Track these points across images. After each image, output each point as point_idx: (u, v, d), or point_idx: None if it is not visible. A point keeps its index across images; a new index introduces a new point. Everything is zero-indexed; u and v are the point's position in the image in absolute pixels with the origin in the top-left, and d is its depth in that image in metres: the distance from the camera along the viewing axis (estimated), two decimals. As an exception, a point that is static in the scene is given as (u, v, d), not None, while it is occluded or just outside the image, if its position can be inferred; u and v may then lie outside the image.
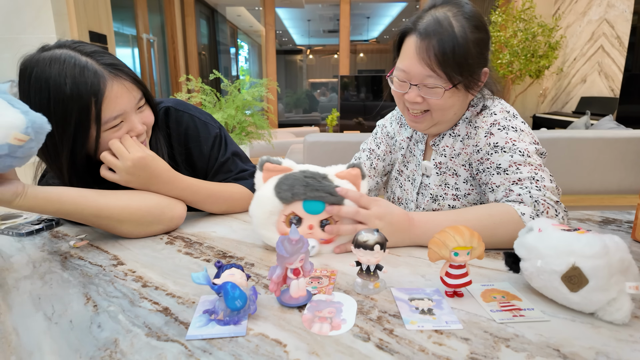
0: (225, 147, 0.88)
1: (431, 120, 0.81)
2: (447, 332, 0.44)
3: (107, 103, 0.67)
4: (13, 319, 0.47)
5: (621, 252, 0.46)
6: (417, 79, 0.76)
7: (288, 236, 0.48)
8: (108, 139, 0.70)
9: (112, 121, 0.69)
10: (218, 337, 0.43)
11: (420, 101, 0.78)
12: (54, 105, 0.65)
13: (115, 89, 0.68)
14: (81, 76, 0.65)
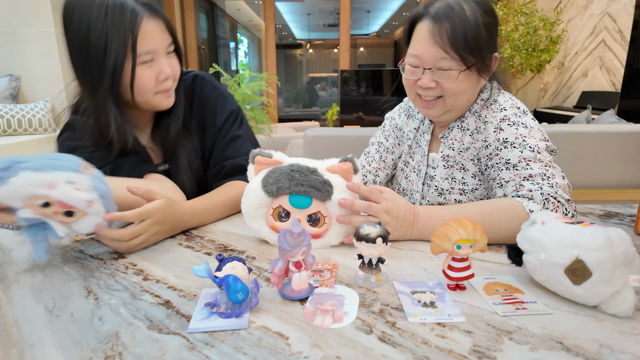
0: (240, 125, 0.90)
1: (444, 106, 0.81)
2: (449, 325, 0.44)
3: (141, 37, 0.71)
4: (14, 312, 0.47)
5: (625, 245, 0.45)
6: (430, 63, 0.77)
7: (290, 229, 0.48)
8: (141, 75, 0.74)
9: (145, 56, 0.73)
10: (220, 329, 0.43)
11: (433, 86, 0.78)
12: (93, 37, 0.69)
13: (151, 26, 0.73)
14: (120, 11, 0.70)
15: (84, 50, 0.71)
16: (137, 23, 0.71)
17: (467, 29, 0.73)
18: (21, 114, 2.51)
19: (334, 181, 0.63)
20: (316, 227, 0.64)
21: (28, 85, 2.69)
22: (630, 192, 2.07)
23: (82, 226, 0.57)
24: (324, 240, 0.65)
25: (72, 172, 0.55)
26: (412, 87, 0.82)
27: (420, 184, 0.91)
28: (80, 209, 0.56)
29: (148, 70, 0.74)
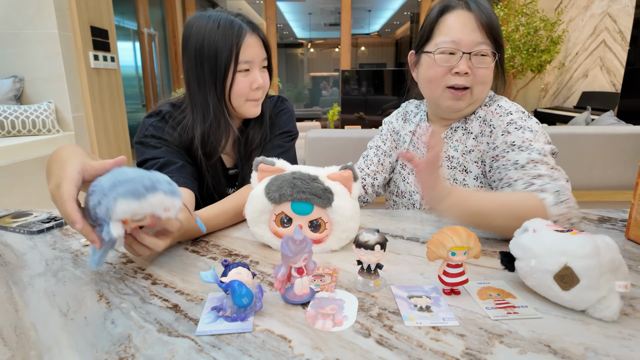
0: (289, 140, 1.00)
1: (471, 97, 0.85)
2: (444, 329, 0.46)
3: (244, 48, 0.85)
4: (31, 315, 0.49)
5: (612, 253, 0.47)
6: (469, 47, 0.81)
7: (292, 236, 0.50)
8: (239, 81, 0.87)
9: (244, 64, 0.86)
10: (226, 332, 0.45)
11: (468, 72, 0.82)
12: (207, 46, 0.84)
13: (252, 40, 0.86)
14: (230, 25, 0.84)
15: (199, 55, 0.85)
16: (242, 36, 0.84)
17: (496, 21, 0.83)
18: (25, 115, 2.53)
19: (334, 188, 0.66)
20: (317, 233, 0.67)
21: (32, 87, 2.71)
22: (629, 193, 2.09)
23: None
24: (325, 245, 0.67)
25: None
26: (442, 78, 0.84)
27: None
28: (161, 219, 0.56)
29: (244, 78, 0.87)
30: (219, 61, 0.84)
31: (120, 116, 3.39)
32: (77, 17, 2.78)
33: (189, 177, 0.87)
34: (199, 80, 0.87)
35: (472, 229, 0.54)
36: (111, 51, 3.19)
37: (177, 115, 0.91)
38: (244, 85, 0.87)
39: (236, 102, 0.89)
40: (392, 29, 9.68)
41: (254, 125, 0.98)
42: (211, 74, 0.86)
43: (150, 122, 0.91)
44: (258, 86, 0.88)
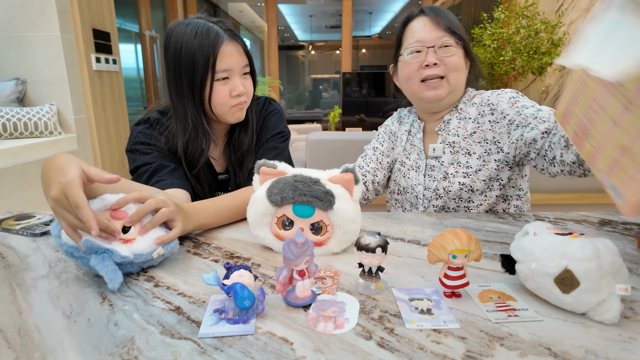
0: (282, 141, 1.01)
1: (448, 85, 0.93)
2: (444, 331, 0.46)
3: (221, 56, 0.84)
4: (34, 317, 0.49)
5: (612, 256, 0.48)
6: (433, 41, 0.92)
7: (294, 239, 0.51)
8: (218, 90, 0.86)
9: (222, 73, 0.85)
10: (228, 335, 0.46)
11: (438, 63, 0.91)
12: (184, 55, 0.84)
13: (229, 48, 0.85)
14: (207, 34, 0.83)
15: (177, 65, 0.85)
16: (219, 44, 0.84)
17: (454, 19, 0.95)
18: (27, 117, 2.54)
19: (335, 191, 0.66)
20: (318, 235, 0.67)
21: (34, 89, 2.73)
22: (630, 195, 2.09)
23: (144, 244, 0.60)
24: (326, 247, 0.68)
25: None
26: (416, 73, 0.94)
27: (422, 177, 1.00)
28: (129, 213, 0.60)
29: (224, 87, 0.86)
30: (195, 72, 0.84)
31: (122, 118, 3.40)
32: (79, 20, 2.79)
33: (182, 179, 0.89)
34: (178, 91, 0.88)
35: (473, 232, 0.55)
36: (113, 53, 3.21)
37: (164, 121, 0.93)
38: (224, 94, 0.87)
39: (218, 110, 0.89)
40: (393, 31, 9.70)
41: (241, 131, 0.98)
42: (189, 84, 0.86)
43: (139, 129, 0.92)
44: (239, 93, 0.88)
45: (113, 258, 0.55)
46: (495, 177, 0.92)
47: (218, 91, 0.86)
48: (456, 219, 0.86)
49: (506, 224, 0.82)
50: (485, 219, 0.86)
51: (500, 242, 0.73)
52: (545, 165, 0.82)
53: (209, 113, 0.91)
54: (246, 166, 0.99)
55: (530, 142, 0.84)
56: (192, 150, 0.90)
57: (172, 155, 0.92)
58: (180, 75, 0.85)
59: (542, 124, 0.81)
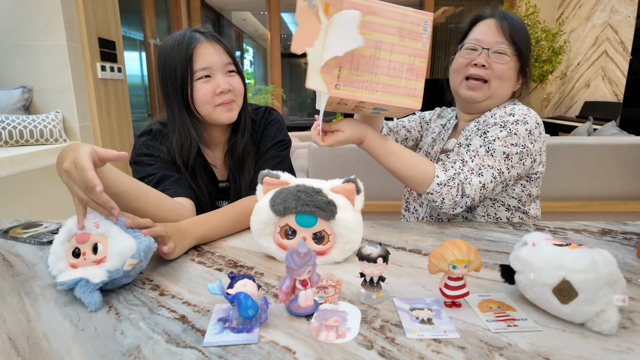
0: (283, 150, 1.03)
1: (488, 91, 0.95)
2: (445, 341, 0.47)
3: (197, 55, 0.87)
4: (43, 326, 0.50)
5: (609, 267, 0.48)
6: (490, 44, 0.93)
7: (297, 249, 0.52)
8: (200, 89, 0.88)
9: (201, 72, 0.88)
10: (232, 344, 0.47)
11: (487, 65, 0.93)
12: (166, 63, 0.89)
13: (204, 47, 0.88)
14: (183, 39, 0.88)
15: (163, 73, 0.90)
16: (193, 44, 0.87)
17: (523, 31, 0.94)
18: (33, 125, 2.57)
19: (337, 201, 0.67)
20: (321, 245, 0.68)
21: (40, 97, 2.76)
22: (632, 203, 2.09)
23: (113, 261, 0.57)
24: (328, 257, 0.69)
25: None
26: (463, 69, 0.97)
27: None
28: (93, 234, 0.60)
29: (206, 85, 0.88)
30: (176, 75, 0.88)
31: (126, 125, 3.44)
32: (85, 29, 2.84)
33: (187, 188, 0.91)
34: (166, 98, 0.92)
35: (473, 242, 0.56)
36: (118, 62, 3.25)
37: (165, 132, 0.95)
38: (206, 92, 0.88)
39: (204, 110, 0.90)
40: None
41: (236, 135, 0.99)
42: (173, 88, 0.90)
43: (141, 141, 0.94)
44: (222, 90, 0.89)
45: (89, 285, 0.55)
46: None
47: (200, 89, 0.88)
48: (457, 228, 0.87)
49: (506, 234, 0.83)
50: (486, 229, 0.87)
51: (500, 251, 0.74)
52: None
53: (197, 115, 0.93)
54: (247, 173, 1.00)
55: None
56: (183, 152, 0.92)
57: (175, 166, 0.94)
58: (166, 82, 0.90)
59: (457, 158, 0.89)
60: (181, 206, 0.84)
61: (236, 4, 6.92)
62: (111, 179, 0.70)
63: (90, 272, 0.56)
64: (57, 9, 2.61)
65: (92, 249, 0.59)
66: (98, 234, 0.60)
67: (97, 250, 0.59)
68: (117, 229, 0.60)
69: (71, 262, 0.59)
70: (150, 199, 0.77)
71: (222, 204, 1.03)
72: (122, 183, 0.72)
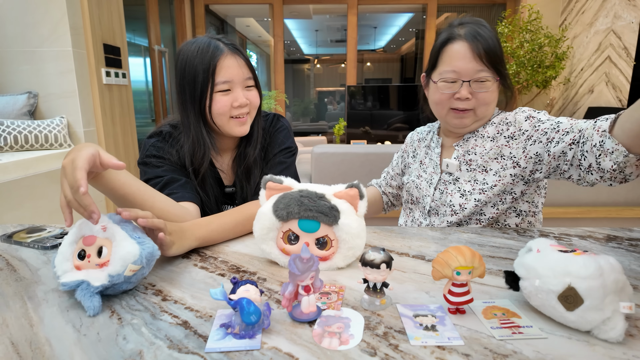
0: (290, 156, 1.03)
1: (474, 116, 0.95)
2: (449, 348, 0.46)
3: (219, 68, 0.88)
4: (45, 331, 0.50)
5: (616, 274, 0.48)
6: (469, 75, 0.91)
7: (299, 255, 0.52)
8: (218, 101, 0.89)
9: (222, 85, 0.89)
10: (235, 350, 0.46)
11: (470, 97, 0.92)
12: (188, 69, 0.89)
13: (228, 60, 0.89)
14: (207, 48, 0.88)
15: (182, 79, 0.90)
16: (217, 56, 0.88)
17: (496, 47, 0.90)
18: (38, 130, 2.59)
19: (340, 206, 0.67)
20: (324, 250, 0.68)
21: (45, 102, 2.79)
22: (637, 209, 2.07)
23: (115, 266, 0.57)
24: (331, 262, 0.68)
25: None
26: (446, 101, 0.95)
27: (432, 190, 1.02)
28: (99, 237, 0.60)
29: (225, 97, 0.90)
30: (196, 84, 0.89)
31: (130, 130, 3.46)
32: (90, 35, 2.87)
33: (193, 192, 0.91)
34: (182, 103, 0.92)
35: (477, 248, 0.55)
36: (123, 68, 3.27)
37: (176, 135, 0.96)
38: (224, 104, 0.89)
39: (219, 120, 0.91)
40: (398, 45, 9.80)
41: (246, 143, 1.00)
42: (191, 95, 0.90)
43: (150, 142, 0.95)
44: (240, 104, 0.90)
45: (90, 288, 0.55)
46: (510, 191, 0.93)
47: (218, 101, 0.89)
48: (461, 234, 0.87)
49: (510, 240, 0.83)
50: (490, 234, 0.86)
51: (505, 257, 0.73)
52: (581, 174, 0.80)
53: (211, 124, 0.94)
54: (253, 180, 1.01)
55: (560, 156, 0.82)
56: (195, 159, 0.93)
57: (183, 169, 0.94)
58: (184, 88, 0.90)
59: (566, 136, 0.81)
60: (186, 211, 0.84)
61: (240, 11, 6.99)
62: (119, 182, 0.71)
63: (92, 275, 0.56)
64: (63, 15, 2.65)
65: (97, 252, 0.59)
66: (104, 238, 0.60)
67: (102, 253, 0.59)
68: (123, 234, 0.60)
69: (76, 264, 0.59)
70: (156, 203, 0.77)
71: (228, 208, 1.03)
72: (129, 186, 0.73)
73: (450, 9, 5.93)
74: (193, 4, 5.61)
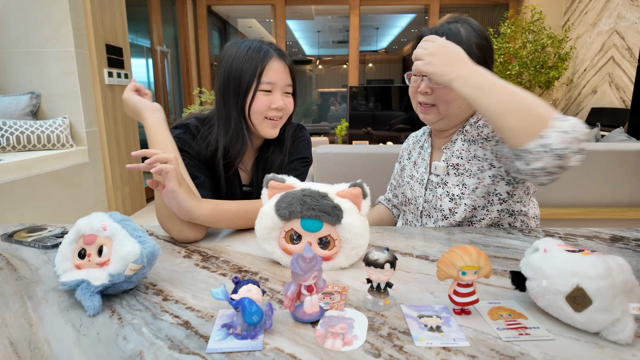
0: (304, 165, 1.05)
1: (438, 113, 0.93)
2: (454, 350, 0.46)
3: (267, 69, 0.91)
4: (45, 330, 0.50)
5: (625, 274, 0.47)
6: None
7: (302, 254, 0.51)
8: (259, 99, 0.91)
9: (266, 85, 0.91)
10: (236, 350, 0.46)
11: (429, 92, 0.92)
12: (235, 66, 0.91)
13: (276, 64, 0.92)
14: (259, 49, 0.92)
15: (227, 74, 0.92)
16: (267, 58, 0.91)
17: (460, 43, 0.86)
18: (40, 130, 2.60)
19: (343, 206, 0.66)
20: (326, 250, 0.67)
21: (48, 102, 2.79)
22: (642, 210, 2.05)
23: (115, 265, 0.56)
24: (334, 262, 0.67)
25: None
26: (414, 95, 0.97)
27: (424, 190, 1.01)
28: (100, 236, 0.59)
29: (265, 97, 0.92)
30: (242, 80, 0.91)
31: (132, 131, 3.46)
32: (93, 36, 2.87)
33: (209, 192, 0.93)
34: (224, 98, 0.94)
35: (482, 248, 0.55)
36: (125, 68, 3.28)
37: (204, 130, 0.98)
38: (263, 103, 0.92)
39: (255, 119, 0.94)
40: (400, 45, 9.79)
41: (274, 149, 1.02)
42: (235, 91, 0.92)
43: (176, 133, 0.96)
44: (277, 107, 0.93)
45: (90, 288, 0.54)
46: (493, 192, 0.91)
47: (259, 99, 0.92)
48: (465, 234, 0.86)
49: (516, 240, 0.82)
50: (494, 235, 0.85)
51: (510, 258, 0.72)
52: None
53: (248, 121, 0.96)
54: None
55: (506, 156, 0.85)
56: (232, 151, 0.95)
57: (202, 166, 0.96)
58: (229, 82, 0.92)
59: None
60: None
61: (242, 12, 7.00)
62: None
63: (92, 274, 0.56)
64: (66, 16, 2.65)
65: (97, 251, 0.59)
66: (105, 236, 0.59)
67: (102, 252, 0.58)
68: (124, 233, 0.59)
69: (76, 263, 0.59)
70: None
71: None
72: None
73: (452, 9, 5.92)
74: (195, 4, 5.62)
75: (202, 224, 0.81)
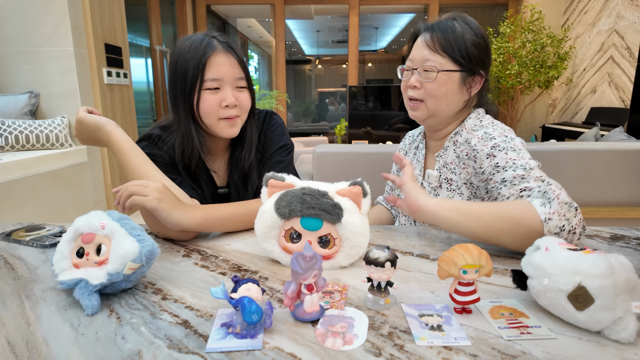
0: (287, 154, 1.01)
1: (426, 110, 0.92)
2: (455, 349, 0.45)
3: (210, 66, 0.85)
4: (42, 330, 0.49)
5: (627, 272, 0.47)
6: (418, 63, 0.90)
7: (302, 253, 0.50)
8: (206, 99, 0.86)
9: (210, 82, 0.86)
10: (236, 350, 0.45)
11: (418, 86, 0.91)
12: (179, 64, 0.87)
13: (219, 57, 0.86)
14: (200, 44, 0.86)
15: (174, 74, 0.88)
16: (208, 52, 0.85)
17: (456, 39, 0.87)
18: (39, 130, 2.59)
19: (344, 204, 0.66)
20: (326, 249, 0.67)
21: (46, 102, 2.78)
22: (641, 210, 2.05)
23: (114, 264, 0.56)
24: (334, 261, 0.67)
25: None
26: (405, 90, 0.96)
27: None
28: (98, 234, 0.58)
29: (213, 96, 0.87)
30: (186, 79, 0.86)
31: (132, 130, 3.45)
32: (92, 35, 2.86)
33: (190, 189, 0.91)
34: (173, 99, 0.90)
35: (483, 246, 0.54)
36: (124, 68, 3.27)
37: (165, 136, 0.94)
38: (212, 103, 0.86)
39: (207, 120, 0.88)
40: (399, 45, 9.79)
41: (241, 148, 0.97)
42: (181, 91, 0.87)
43: (140, 146, 0.92)
44: (228, 104, 0.87)
45: (88, 287, 0.54)
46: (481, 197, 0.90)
47: (206, 100, 0.86)
48: (465, 233, 0.85)
49: (516, 239, 0.81)
50: (495, 234, 0.85)
51: (511, 256, 0.72)
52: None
53: (200, 124, 0.91)
54: (251, 184, 0.98)
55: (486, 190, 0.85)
56: (185, 156, 0.91)
57: (176, 168, 0.93)
58: (175, 83, 0.88)
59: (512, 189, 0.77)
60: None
61: (241, 11, 6.99)
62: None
63: (90, 273, 0.55)
64: (65, 15, 2.64)
65: (95, 250, 0.58)
66: (103, 235, 0.59)
67: (101, 251, 0.58)
68: (123, 232, 0.59)
69: (74, 262, 0.58)
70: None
71: None
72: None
73: (452, 9, 5.92)
74: (194, 4, 5.61)
75: (194, 231, 0.80)
